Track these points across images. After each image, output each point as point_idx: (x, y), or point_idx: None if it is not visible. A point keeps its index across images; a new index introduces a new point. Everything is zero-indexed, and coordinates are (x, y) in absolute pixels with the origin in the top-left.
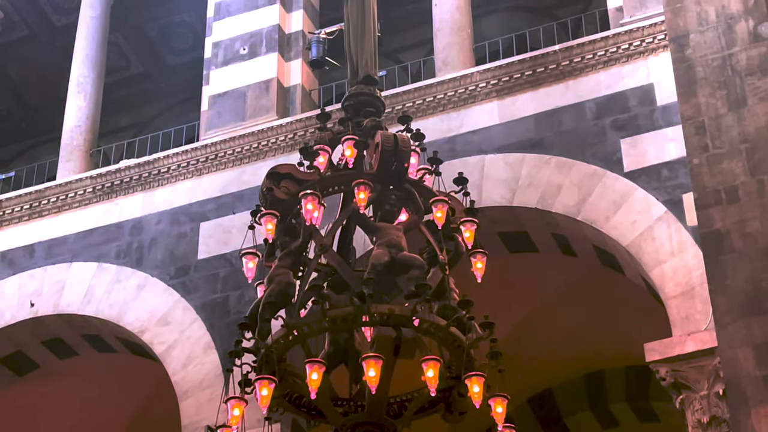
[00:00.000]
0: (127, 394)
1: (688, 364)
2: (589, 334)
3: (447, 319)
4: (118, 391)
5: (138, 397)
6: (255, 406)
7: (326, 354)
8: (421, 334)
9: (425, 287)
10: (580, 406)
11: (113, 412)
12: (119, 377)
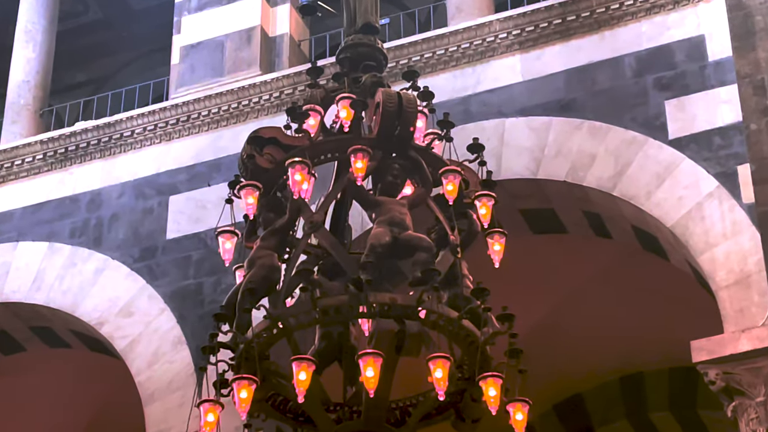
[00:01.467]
0: (83, 397)
1: (742, 366)
2: (626, 330)
3: (458, 310)
4: (72, 393)
5: (95, 400)
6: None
7: (316, 351)
8: (428, 327)
9: (433, 273)
10: (615, 414)
11: (67, 417)
12: (74, 377)
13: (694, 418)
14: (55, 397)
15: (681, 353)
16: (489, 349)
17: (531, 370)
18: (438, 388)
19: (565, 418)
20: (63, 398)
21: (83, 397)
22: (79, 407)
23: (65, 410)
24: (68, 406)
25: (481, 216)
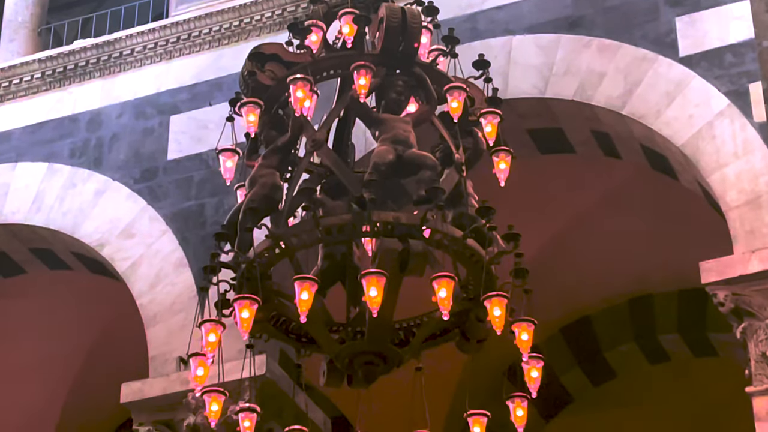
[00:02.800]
0: (84, 319)
1: (751, 287)
2: (635, 251)
3: (463, 229)
4: (74, 316)
5: (97, 322)
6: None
7: (319, 271)
8: (433, 246)
9: (438, 191)
10: (623, 337)
11: (69, 339)
12: (75, 299)
13: (703, 341)
14: (57, 320)
15: (690, 275)
16: (494, 268)
17: (538, 292)
18: (442, 308)
19: (573, 341)
20: (64, 321)
21: (85, 320)
22: (81, 329)
23: (67, 333)
24: (70, 328)
25: (487, 134)
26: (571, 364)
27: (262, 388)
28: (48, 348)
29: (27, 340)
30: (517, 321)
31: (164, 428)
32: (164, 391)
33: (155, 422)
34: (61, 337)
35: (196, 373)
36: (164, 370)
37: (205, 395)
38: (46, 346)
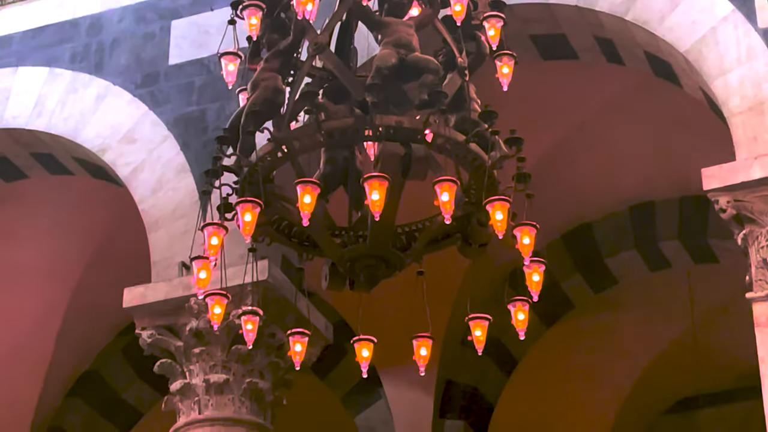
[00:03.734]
0: (87, 224)
1: (753, 193)
2: (637, 158)
3: (466, 133)
4: (76, 221)
5: (100, 227)
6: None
7: (321, 175)
8: (435, 150)
9: (440, 95)
10: (624, 243)
11: (71, 244)
12: (77, 204)
13: (704, 247)
14: (59, 225)
15: (692, 182)
16: (496, 173)
17: (539, 199)
18: (444, 211)
19: (574, 248)
20: (66, 226)
21: (87, 225)
22: (83, 235)
23: (69, 238)
24: (72, 233)
25: (490, 38)
26: (572, 271)
27: (264, 293)
28: (50, 253)
29: (29, 245)
30: (519, 225)
31: (167, 333)
32: (167, 296)
33: (158, 327)
34: (63, 242)
35: (199, 277)
36: (166, 275)
37: (207, 298)
38: (47, 252)
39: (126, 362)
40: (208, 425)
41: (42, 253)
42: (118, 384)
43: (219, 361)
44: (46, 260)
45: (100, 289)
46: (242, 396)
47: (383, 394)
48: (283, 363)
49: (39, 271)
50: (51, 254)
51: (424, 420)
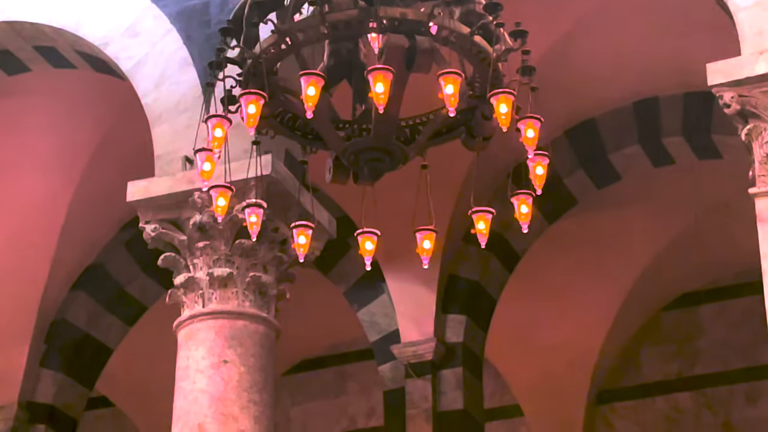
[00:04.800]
0: (89, 119)
1: (758, 88)
2: (641, 53)
3: (470, 25)
4: (78, 115)
5: (102, 121)
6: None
7: (325, 67)
8: (440, 43)
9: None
10: (627, 139)
11: (74, 138)
12: (80, 98)
13: (708, 143)
14: (62, 119)
15: (697, 78)
16: (501, 66)
17: (543, 94)
18: (448, 104)
19: (577, 143)
20: (70, 119)
21: (90, 118)
22: (86, 128)
23: (72, 131)
24: (75, 127)
25: None
26: (575, 167)
27: (268, 187)
28: (53, 146)
29: (31, 138)
30: (523, 118)
31: (170, 227)
32: (170, 190)
33: (161, 221)
34: (66, 136)
35: (203, 168)
36: (170, 169)
37: (211, 190)
38: (50, 145)
39: (130, 256)
40: (212, 318)
41: (45, 146)
42: (122, 277)
43: (222, 255)
44: (49, 154)
45: (104, 183)
46: (246, 290)
47: (386, 289)
48: (287, 257)
49: (42, 165)
50: (54, 148)
51: (427, 314)
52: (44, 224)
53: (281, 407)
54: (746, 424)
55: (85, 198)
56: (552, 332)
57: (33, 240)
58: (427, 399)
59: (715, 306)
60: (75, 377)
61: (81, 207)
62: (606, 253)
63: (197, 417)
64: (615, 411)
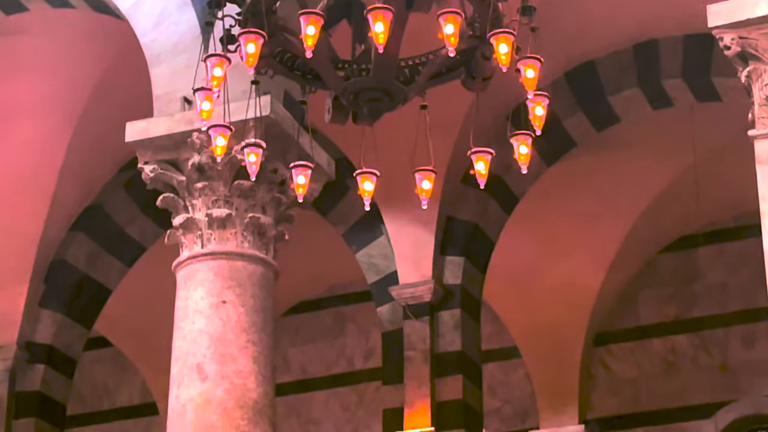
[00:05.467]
0: (88, 59)
1: (758, 30)
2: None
3: None
4: (77, 55)
5: (101, 62)
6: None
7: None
8: None
9: None
10: (627, 81)
11: (73, 78)
12: (78, 38)
13: (707, 85)
14: (60, 58)
15: (697, 20)
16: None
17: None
18: (448, 44)
19: (577, 86)
20: (68, 60)
21: (88, 58)
22: (85, 68)
23: (71, 72)
24: (73, 66)
25: None
26: (575, 109)
27: (267, 128)
28: (52, 87)
29: (30, 78)
30: (523, 58)
31: (169, 167)
32: (169, 131)
33: (160, 161)
34: (65, 76)
35: (202, 108)
36: (169, 109)
37: (210, 130)
38: (49, 85)
39: (129, 196)
40: (211, 259)
41: (44, 86)
42: (121, 218)
43: (221, 196)
44: (48, 94)
45: (103, 123)
46: (245, 231)
47: (384, 231)
48: (285, 199)
49: (41, 105)
50: (53, 88)
51: (425, 256)
52: (43, 165)
53: (280, 348)
54: (743, 366)
55: (84, 138)
56: (550, 274)
57: (32, 181)
58: (425, 340)
59: (713, 249)
60: (74, 317)
61: (80, 147)
62: (604, 196)
63: (196, 357)
64: (612, 353)
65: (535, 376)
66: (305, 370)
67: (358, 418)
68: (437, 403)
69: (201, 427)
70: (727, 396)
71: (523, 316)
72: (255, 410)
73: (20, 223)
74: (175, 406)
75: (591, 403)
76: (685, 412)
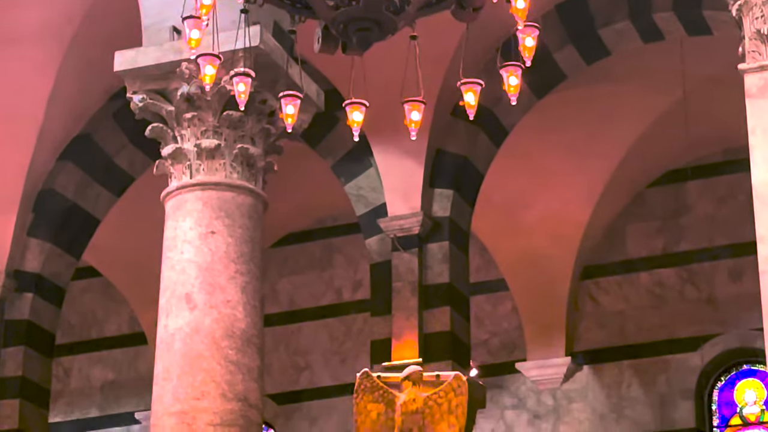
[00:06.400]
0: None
1: None
2: None
3: None
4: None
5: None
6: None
7: None
8: None
9: None
10: (618, 14)
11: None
12: None
13: (698, 19)
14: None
15: None
16: None
17: None
18: None
19: (567, 18)
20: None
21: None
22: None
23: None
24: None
25: None
26: (565, 42)
27: (256, 58)
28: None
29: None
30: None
31: (158, 97)
32: (157, 61)
33: (149, 91)
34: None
35: (191, 36)
36: (158, 39)
37: (199, 59)
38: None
39: (118, 126)
40: (200, 189)
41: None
42: (110, 148)
43: (210, 126)
44: (36, 22)
45: (92, 52)
46: (233, 161)
47: (373, 163)
48: (275, 129)
49: (29, 34)
50: (42, 17)
51: (414, 188)
52: (32, 94)
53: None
54: (729, 299)
55: (73, 67)
56: (538, 208)
57: (20, 109)
58: (413, 272)
59: (701, 182)
60: (62, 246)
61: (69, 76)
62: (594, 129)
63: (184, 287)
64: (599, 286)
65: (523, 309)
66: (294, 302)
67: (346, 349)
68: (425, 335)
69: (189, 357)
70: (714, 329)
71: (511, 249)
72: (243, 340)
73: (8, 152)
74: (163, 335)
75: (578, 336)
76: (671, 345)
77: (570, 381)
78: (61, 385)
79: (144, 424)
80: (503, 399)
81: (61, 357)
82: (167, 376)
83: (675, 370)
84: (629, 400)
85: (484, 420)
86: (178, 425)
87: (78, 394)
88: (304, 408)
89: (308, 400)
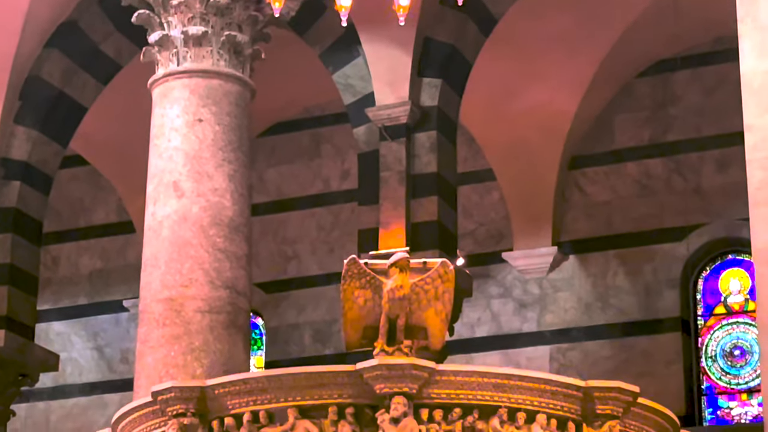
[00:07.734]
0: None
1: None
2: None
3: None
4: None
5: None
6: None
7: None
8: None
9: None
10: None
11: None
12: None
13: None
14: None
15: None
16: None
17: None
18: None
19: None
20: None
21: None
22: None
23: None
24: None
25: None
26: None
27: None
28: None
29: None
30: None
31: None
32: None
33: None
34: None
35: None
36: None
37: None
38: None
39: (104, 13)
40: (187, 77)
41: None
42: (96, 35)
43: (197, 14)
44: None
45: None
46: (221, 49)
47: (361, 52)
48: (262, 16)
49: None
50: None
51: (402, 78)
52: None
53: (256, 169)
54: (716, 189)
55: None
56: (527, 97)
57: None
58: (400, 161)
59: (689, 72)
60: (50, 134)
61: None
62: (583, 18)
63: (172, 175)
64: (587, 176)
65: (510, 199)
66: (281, 191)
67: (334, 239)
68: (412, 224)
69: (177, 244)
70: (700, 219)
71: (499, 139)
72: (230, 227)
73: None
74: (151, 223)
75: (565, 226)
76: (657, 235)
77: (556, 270)
78: (49, 273)
79: (132, 311)
80: (489, 288)
81: (50, 245)
82: (155, 263)
83: (661, 259)
84: (615, 289)
85: (470, 309)
86: (166, 312)
87: (66, 282)
88: (291, 297)
89: (296, 289)
